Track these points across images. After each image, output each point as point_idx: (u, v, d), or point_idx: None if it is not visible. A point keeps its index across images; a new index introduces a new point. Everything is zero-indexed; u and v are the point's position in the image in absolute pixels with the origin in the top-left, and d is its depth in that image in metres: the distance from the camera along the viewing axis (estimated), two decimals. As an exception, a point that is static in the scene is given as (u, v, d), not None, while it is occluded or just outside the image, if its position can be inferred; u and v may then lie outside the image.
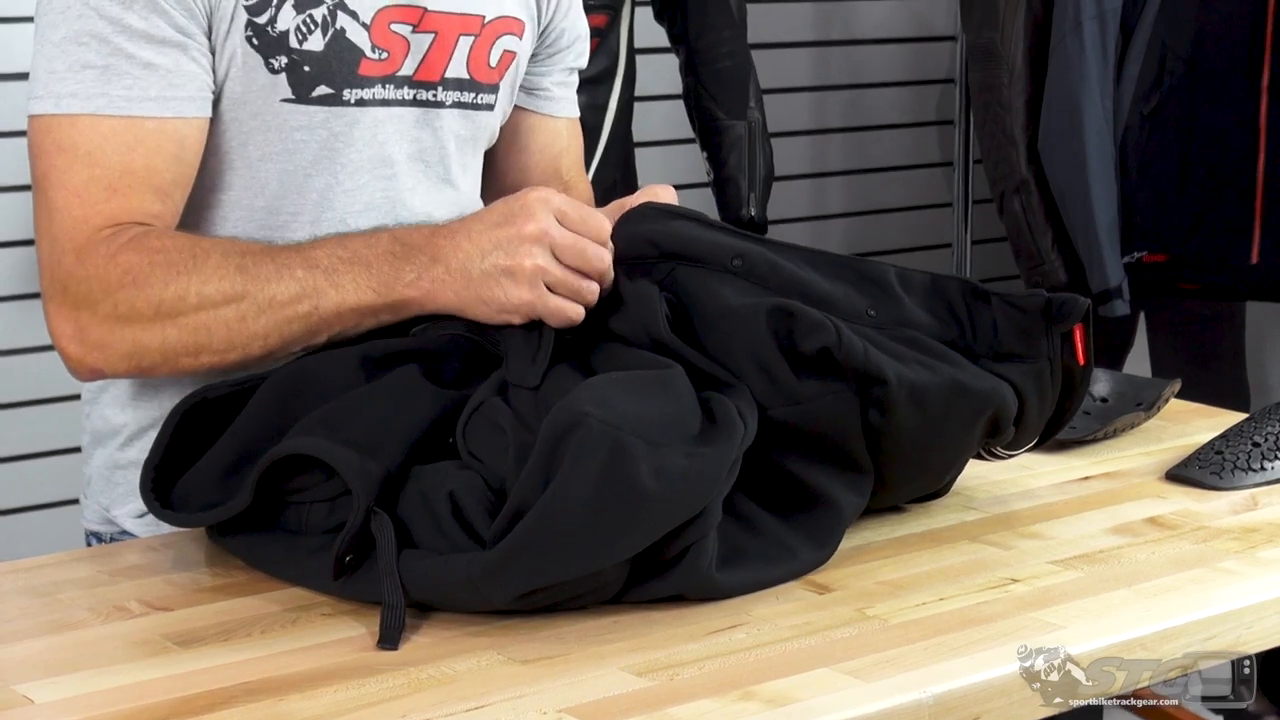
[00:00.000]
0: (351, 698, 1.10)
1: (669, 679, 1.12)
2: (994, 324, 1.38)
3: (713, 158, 2.80)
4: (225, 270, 1.39)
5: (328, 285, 1.39)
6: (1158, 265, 2.93)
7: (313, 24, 1.47)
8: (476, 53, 1.57)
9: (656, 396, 1.25)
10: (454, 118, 1.57)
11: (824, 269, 1.38)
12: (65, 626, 1.24)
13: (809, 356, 1.31)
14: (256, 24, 1.45)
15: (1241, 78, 2.84)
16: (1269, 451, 1.56)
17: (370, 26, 1.49)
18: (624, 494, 1.17)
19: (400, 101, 1.53)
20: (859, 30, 3.70)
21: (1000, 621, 1.22)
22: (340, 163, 1.50)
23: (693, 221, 1.39)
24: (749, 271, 1.35)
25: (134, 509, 1.55)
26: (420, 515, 1.27)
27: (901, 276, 1.39)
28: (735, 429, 1.26)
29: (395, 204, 1.54)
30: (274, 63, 1.46)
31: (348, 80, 1.49)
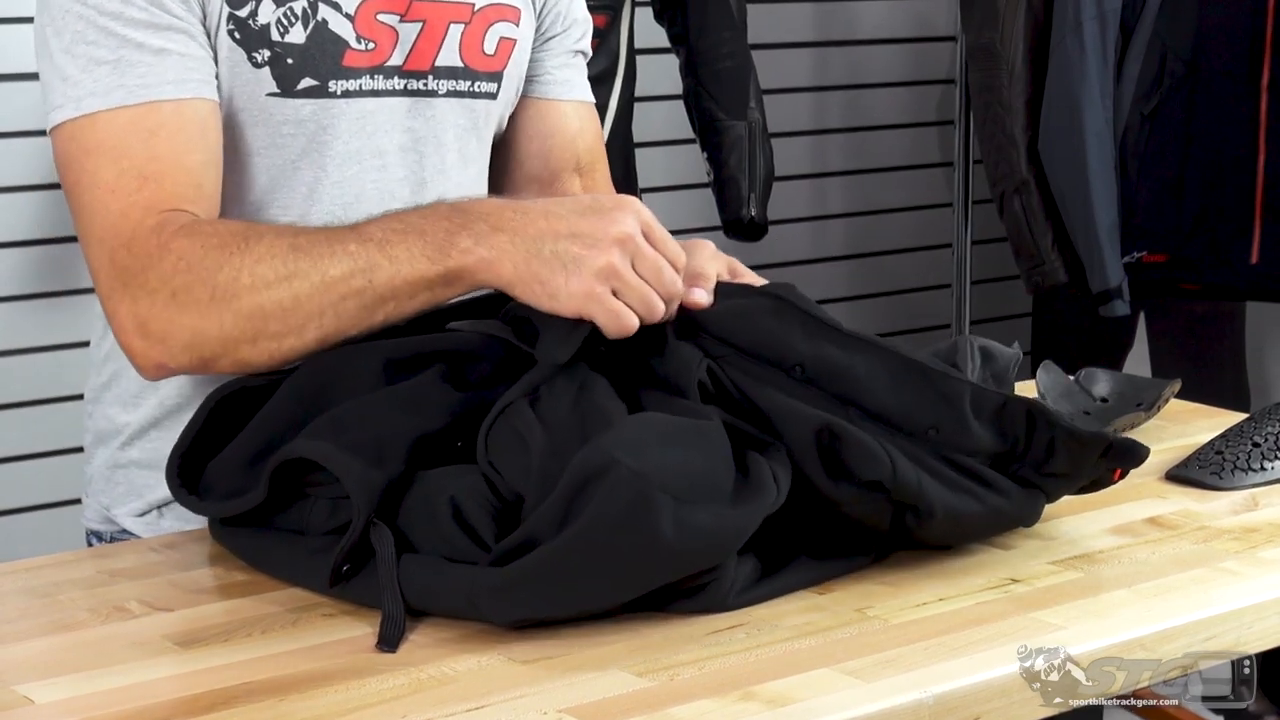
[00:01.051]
0: (352, 698, 1.10)
1: (669, 679, 1.12)
2: (1050, 445, 1.32)
3: (713, 158, 2.80)
4: (278, 249, 1.36)
5: (381, 257, 1.34)
6: (1158, 265, 2.93)
7: (293, 16, 1.47)
8: (469, 40, 1.56)
9: (692, 448, 1.21)
10: (449, 107, 1.56)
11: (894, 375, 1.31)
12: (66, 627, 1.24)
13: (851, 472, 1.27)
14: (238, 17, 1.45)
15: (1241, 78, 2.85)
16: (1269, 451, 1.56)
17: (354, 17, 1.49)
18: (642, 545, 1.17)
19: (390, 92, 1.52)
20: (859, 30, 3.70)
21: (1000, 622, 1.22)
22: (328, 155, 1.50)
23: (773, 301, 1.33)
24: (809, 379, 1.30)
25: (134, 508, 1.56)
26: (422, 519, 1.27)
27: (975, 398, 1.31)
28: (766, 492, 1.22)
29: (386, 195, 1.53)
30: (257, 56, 1.46)
31: (332, 72, 1.49)
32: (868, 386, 1.30)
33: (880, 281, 3.78)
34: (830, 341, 1.31)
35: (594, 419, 1.25)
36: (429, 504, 1.27)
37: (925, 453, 1.30)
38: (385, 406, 1.32)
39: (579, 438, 1.23)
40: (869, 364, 1.31)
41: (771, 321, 1.32)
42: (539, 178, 1.69)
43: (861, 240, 3.77)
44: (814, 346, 1.31)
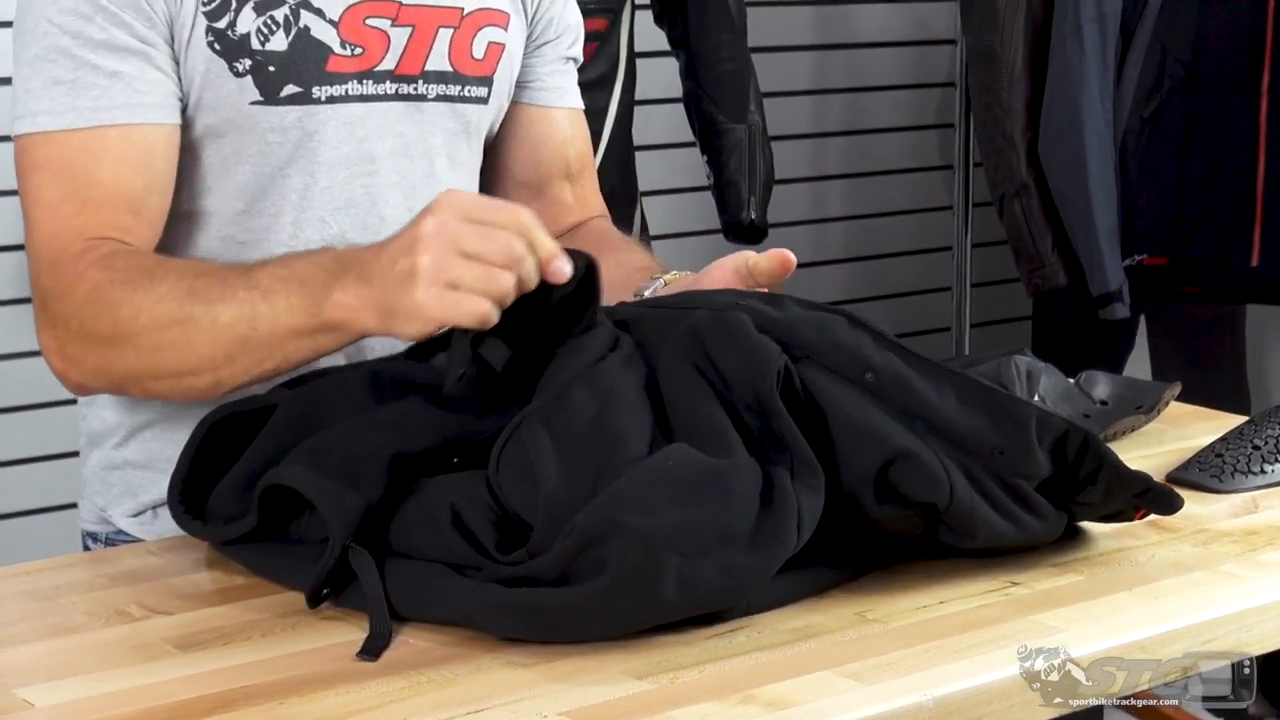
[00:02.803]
0: (351, 701, 1.10)
1: (669, 682, 1.12)
2: (1092, 476, 1.31)
3: (713, 161, 2.80)
4: (177, 292, 1.37)
5: (264, 306, 1.35)
6: (1158, 268, 2.93)
7: (274, 24, 1.46)
8: (458, 45, 1.56)
9: (704, 497, 1.18)
10: (439, 111, 1.56)
11: (961, 396, 1.29)
12: (65, 630, 1.24)
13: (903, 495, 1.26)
14: (216, 29, 1.45)
15: (1241, 80, 2.84)
16: (1269, 454, 1.56)
17: (339, 23, 1.49)
18: (644, 603, 1.17)
19: (382, 96, 1.52)
20: (859, 33, 3.70)
21: (1001, 624, 1.22)
22: (316, 161, 1.50)
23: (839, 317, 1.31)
24: (879, 389, 1.28)
25: (129, 508, 1.56)
26: (422, 524, 1.27)
27: (1040, 422, 1.29)
28: (786, 540, 1.20)
29: (377, 200, 1.53)
30: (238, 66, 1.46)
31: (316, 78, 1.48)
32: (936, 403, 1.29)
33: (880, 284, 3.78)
34: (900, 358, 1.30)
35: (609, 446, 1.23)
36: (430, 509, 1.27)
37: (984, 473, 1.28)
38: (367, 429, 1.31)
39: (592, 467, 1.21)
40: (937, 384, 1.30)
41: (847, 333, 1.30)
42: (528, 184, 1.69)
43: (861, 243, 3.77)
44: (885, 359, 1.29)
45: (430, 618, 1.23)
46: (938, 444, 1.27)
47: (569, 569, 1.17)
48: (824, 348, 1.29)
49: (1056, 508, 1.32)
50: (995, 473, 1.28)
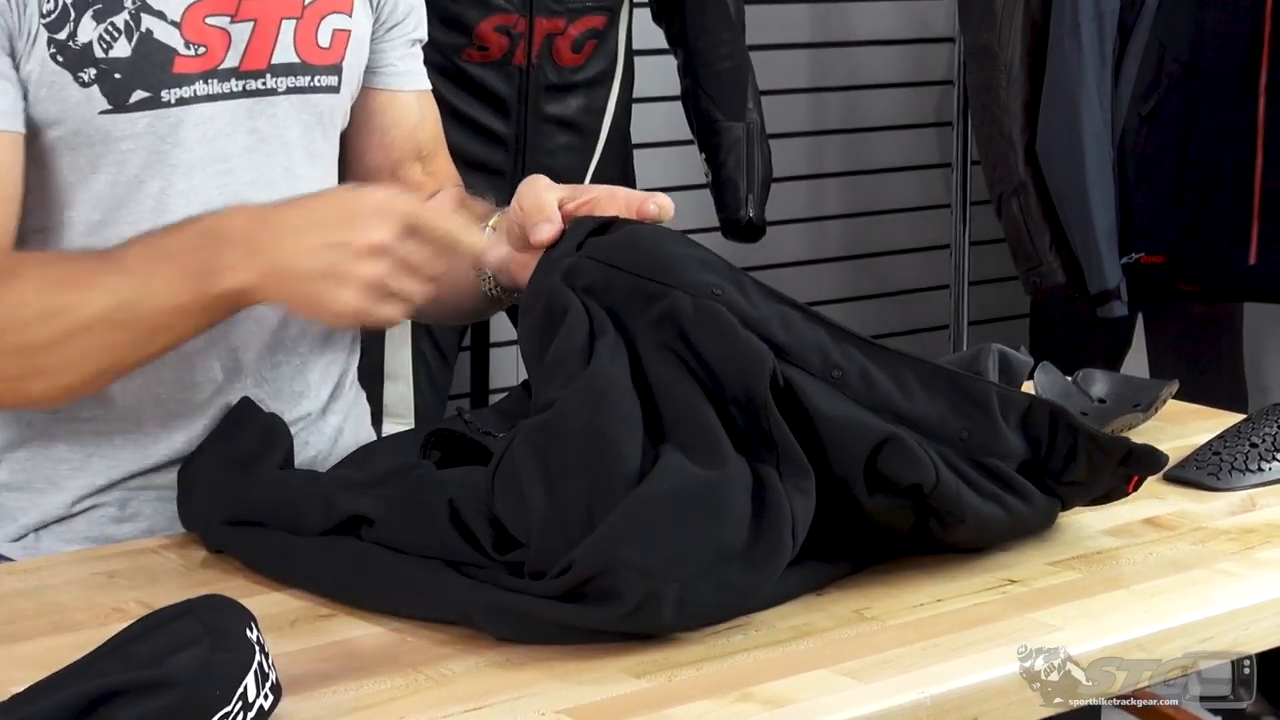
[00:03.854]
0: (349, 699, 1.10)
1: (667, 680, 1.12)
2: (1071, 450, 1.31)
3: (711, 159, 2.80)
4: (42, 284, 1.37)
5: (142, 291, 1.35)
6: (1156, 266, 2.93)
7: (115, 31, 1.44)
8: (303, 35, 1.53)
9: (702, 518, 1.18)
10: (290, 104, 1.54)
11: (923, 382, 1.30)
12: (63, 628, 1.24)
13: (891, 481, 1.25)
14: (58, 40, 1.42)
15: (1239, 79, 2.84)
16: (1266, 452, 1.56)
17: (181, 23, 1.46)
18: (642, 625, 1.17)
19: (228, 95, 1.49)
20: (857, 32, 3.70)
21: (998, 622, 1.22)
22: (171, 165, 1.47)
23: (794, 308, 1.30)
24: (844, 384, 1.28)
25: (9, 532, 1.51)
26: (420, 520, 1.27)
27: (1002, 398, 1.30)
28: (781, 551, 1.20)
29: (233, 199, 1.49)
30: (83, 76, 1.43)
31: (163, 81, 1.46)
32: (899, 393, 1.29)
33: (878, 282, 3.78)
34: (856, 349, 1.30)
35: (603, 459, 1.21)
36: (428, 506, 1.27)
37: (959, 458, 1.28)
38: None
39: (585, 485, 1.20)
40: (897, 372, 1.30)
41: (806, 328, 1.29)
42: (380, 168, 1.67)
43: (859, 241, 3.77)
44: (844, 353, 1.29)
45: (428, 617, 1.23)
46: (910, 434, 1.27)
47: (570, 596, 1.17)
48: (794, 346, 1.28)
49: (1044, 493, 1.32)
50: (968, 457, 1.28)
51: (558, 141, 2.57)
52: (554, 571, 1.17)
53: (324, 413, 1.61)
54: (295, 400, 1.57)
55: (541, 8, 2.49)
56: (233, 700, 1.00)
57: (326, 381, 1.61)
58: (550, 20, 2.50)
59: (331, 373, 1.61)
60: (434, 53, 2.52)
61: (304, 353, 1.57)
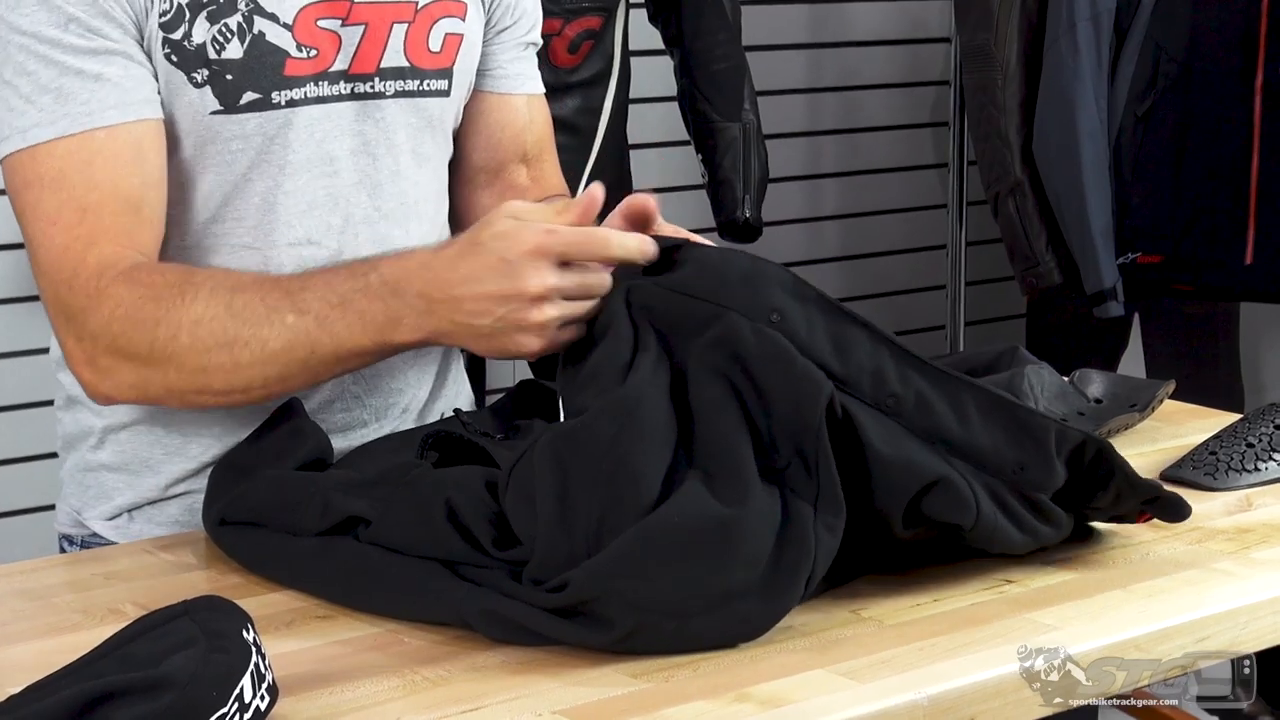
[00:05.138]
0: (347, 700, 1.10)
1: (664, 680, 1.12)
2: (1105, 484, 1.31)
3: (708, 160, 2.80)
4: (215, 311, 1.39)
5: (321, 333, 1.38)
6: (1152, 266, 2.93)
7: (229, 32, 1.45)
8: (414, 39, 1.55)
9: (711, 556, 1.16)
10: (398, 108, 1.55)
11: (982, 411, 1.28)
12: (60, 629, 1.24)
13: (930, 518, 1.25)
14: (172, 40, 1.44)
15: (1235, 79, 2.84)
16: (1263, 452, 1.56)
17: (293, 26, 1.48)
18: (635, 648, 1.16)
19: (336, 97, 1.51)
20: (853, 32, 3.70)
21: (995, 622, 1.22)
22: (278, 165, 1.49)
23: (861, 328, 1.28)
24: (899, 411, 1.26)
25: (103, 511, 1.56)
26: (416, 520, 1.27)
27: (1060, 436, 1.28)
28: (794, 590, 1.19)
29: (339, 200, 1.52)
30: (196, 77, 1.45)
31: (274, 83, 1.47)
32: (956, 420, 1.27)
33: (875, 283, 3.78)
34: (918, 373, 1.28)
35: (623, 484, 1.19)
36: (424, 506, 1.27)
37: (1006, 491, 1.27)
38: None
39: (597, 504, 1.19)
40: (957, 398, 1.28)
41: (867, 352, 1.28)
42: (486, 168, 1.69)
43: (856, 241, 3.77)
44: (902, 377, 1.27)
45: (424, 617, 1.23)
46: (962, 465, 1.26)
47: (565, 613, 1.17)
48: (847, 375, 1.26)
49: (1066, 512, 1.32)
50: (1016, 489, 1.28)
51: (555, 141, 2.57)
52: (549, 586, 1.17)
53: (431, 401, 1.63)
54: (394, 395, 1.59)
55: (539, 8, 2.49)
56: (229, 701, 1.00)
57: (425, 376, 1.63)
58: (546, 21, 2.48)
59: (429, 369, 1.63)
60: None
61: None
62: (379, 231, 1.55)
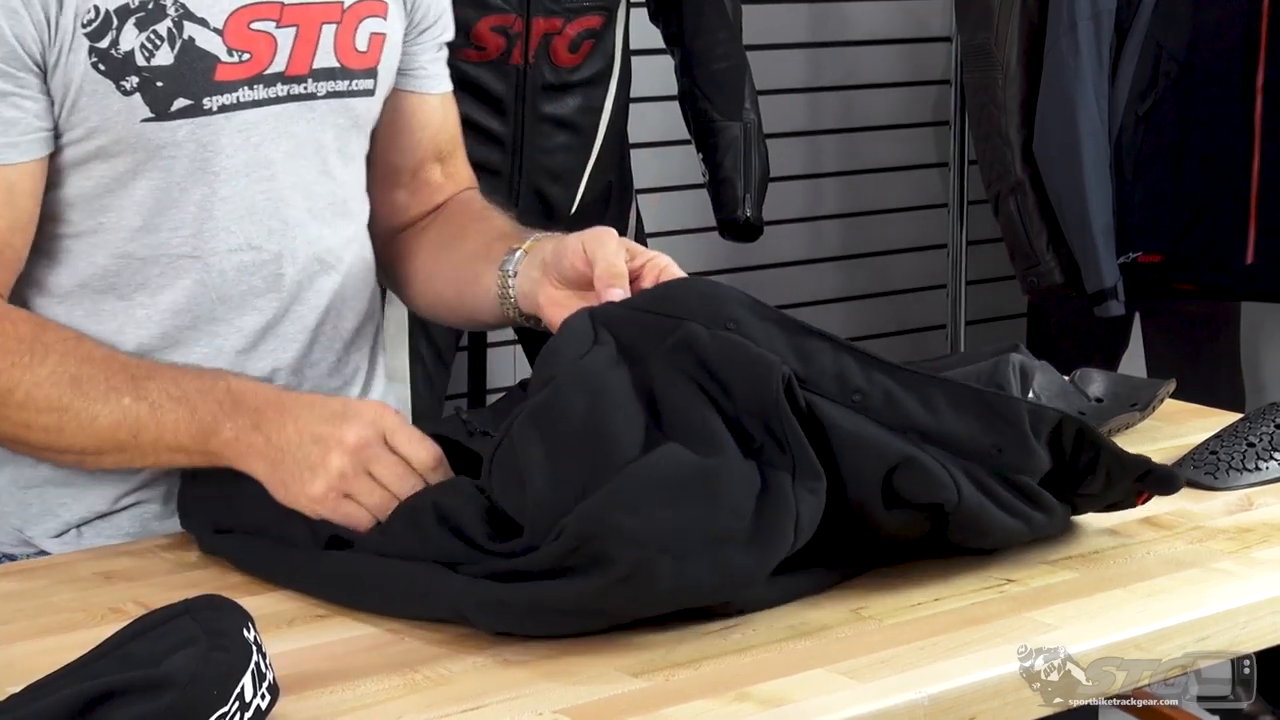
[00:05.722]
0: (346, 699, 1.10)
1: (664, 680, 1.12)
2: (1092, 464, 1.32)
3: (708, 159, 2.80)
4: (58, 378, 1.40)
5: (150, 420, 1.39)
6: (1153, 265, 2.93)
7: (158, 38, 1.44)
8: (342, 39, 1.54)
9: (699, 496, 1.19)
10: (329, 108, 1.55)
11: (952, 401, 1.30)
12: (60, 629, 1.24)
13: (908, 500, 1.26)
14: (99, 49, 1.42)
15: (1236, 78, 2.84)
16: (1264, 451, 1.56)
17: (224, 30, 1.47)
18: (640, 598, 1.17)
19: (272, 100, 1.50)
20: (854, 31, 3.70)
21: (995, 622, 1.22)
22: (214, 171, 1.48)
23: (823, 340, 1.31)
24: (866, 407, 1.29)
25: (51, 528, 1.52)
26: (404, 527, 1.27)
27: (1034, 416, 1.31)
28: (781, 541, 1.20)
29: (278, 204, 1.52)
30: (125, 84, 1.43)
31: (205, 89, 1.46)
32: (926, 412, 1.29)
33: (875, 282, 3.78)
34: (883, 373, 1.30)
35: (601, 446, 1.22)
36: (411, 513, 1.28)
37: (986, 475, 1.28)
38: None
39: (583, 469, 1.21)
40: (925, 393, 1.30)
41: (830, 358, 1.30)
42: (405, 167, 1.69)
43: (856, 241, 3.76)
44: (868, 378, 1.30)
45: (422, 616, 1.23)
46: (936, 452, 1.27)
47: (565, 562, 1.17)
48: (810, 375, 1.29)
49: (1059, 500, 1.32)
50: (999, 473, 1.28)
51: (555, 141, 2.57)
52: (550, 537, 1.18)
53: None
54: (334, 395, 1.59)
55: (539, 8, 2.49)
56: (230, 700, 1.00)
57: (356, 378, 1.64)
58: (547, 20, 2.50)
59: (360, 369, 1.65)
60: (431, 52, 2.53)
61: (339, 349, 1.61)
62: (311, 233, 1.55)
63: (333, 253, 1.57)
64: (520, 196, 2.57)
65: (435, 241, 1.66)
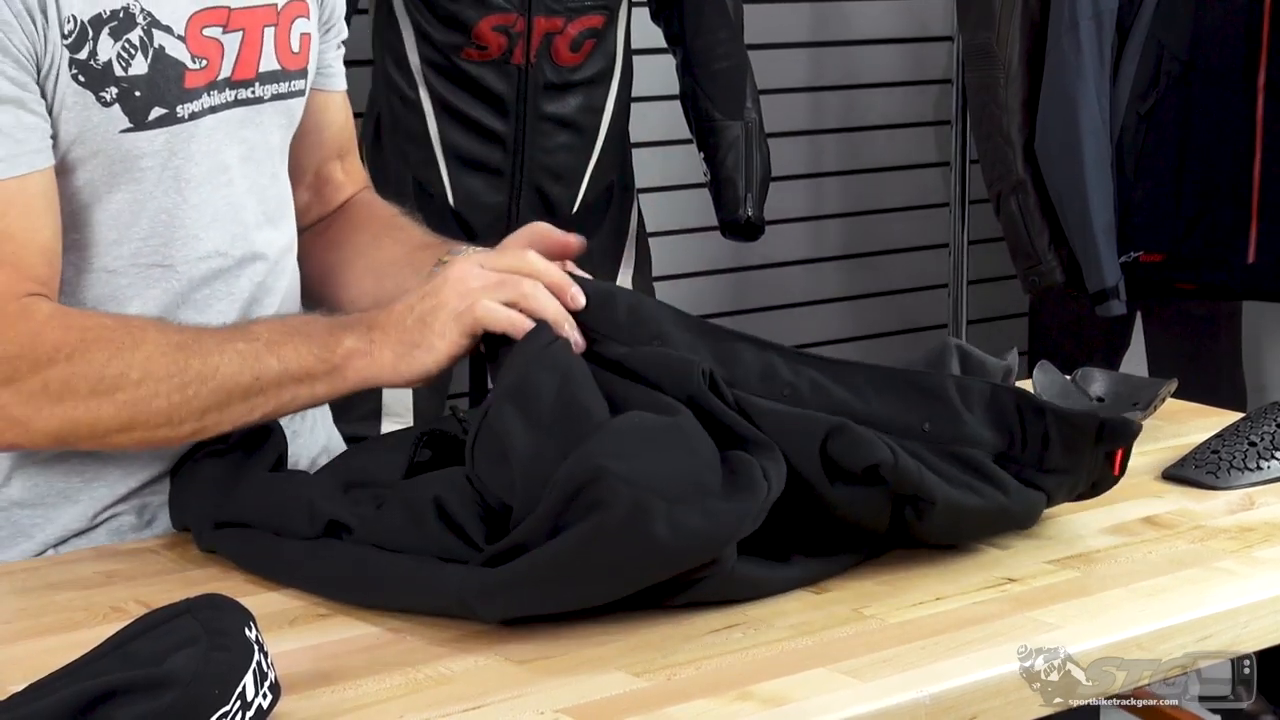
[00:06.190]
0: (348, 698, 1.10)
1: (666, 679, 1.12)
2: (1045, 437, 1.33)
3: (710, 158, 2.80)
4: (165, 348, 1.39)
5: (269, 354, 1.39)
6: (1154, 265, 2.93)
7: (132, 48, 1.43)
8: (280, 41, 1.54)
9: (676, 449, 1.22)
10: (273, 111, 1.55)
11: (877, 385, 1.34)
12: (62, 628, 1.24)
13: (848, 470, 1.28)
14: (79, 60, 1.41)
15: (1238, 77, 2.85)
16: (1265, 451, 1.56)
17: (185, 37, 1.46)
18: (638, 550, 1.17)
19: (225, 105, 1.50)
20: (855, 31, 3.70)
21: (997, 621, 1.22)
22: (183, 179, 1.48)
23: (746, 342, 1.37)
24: (797, 400, 1.33)
25: (26, 550, 1.49)
26: (407, 522, 1.27)
27: (960, 388, 1.34)
28: (758, 487, 1.23)
29: (238, 209, 1.51)
30: (105, 95, 1.42)
31: (178, 96, 1.46)
32: (855, 398, 1.34)
33: (877, 282, 3.78)
34: (808, 366, 1.35)
35: (576, 417, 1.25)
36: (413, 508, 1.27)
37: (926, 451, 1.30)
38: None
39: (561, 437, 1.23)
40: (852, 380, 1.35)
41: (755, 357, 1.36)
42: (308, 167, 1.69)
43: (858, 240, 3.77)
44: (795, 372, 1.35)
45: (421, 608, 1.23)
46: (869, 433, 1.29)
47: (559, 520, 1.18)
48: (737, 378, 1.34)
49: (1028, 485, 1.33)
50: (937, 449, 1.31)
51: (556, 140, 2.57)
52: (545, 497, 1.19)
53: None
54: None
55: (540, 7, 2.49)
56: (231, 699, 1.00)
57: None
58: (549, 19, 2.50)
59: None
60: (433, 51, 2.53)
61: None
62: (266, 236, 1.55)
63: (282, 255, 1.58)
64: (521, 196, 2.57)
65: (346, 245, 1.67)
